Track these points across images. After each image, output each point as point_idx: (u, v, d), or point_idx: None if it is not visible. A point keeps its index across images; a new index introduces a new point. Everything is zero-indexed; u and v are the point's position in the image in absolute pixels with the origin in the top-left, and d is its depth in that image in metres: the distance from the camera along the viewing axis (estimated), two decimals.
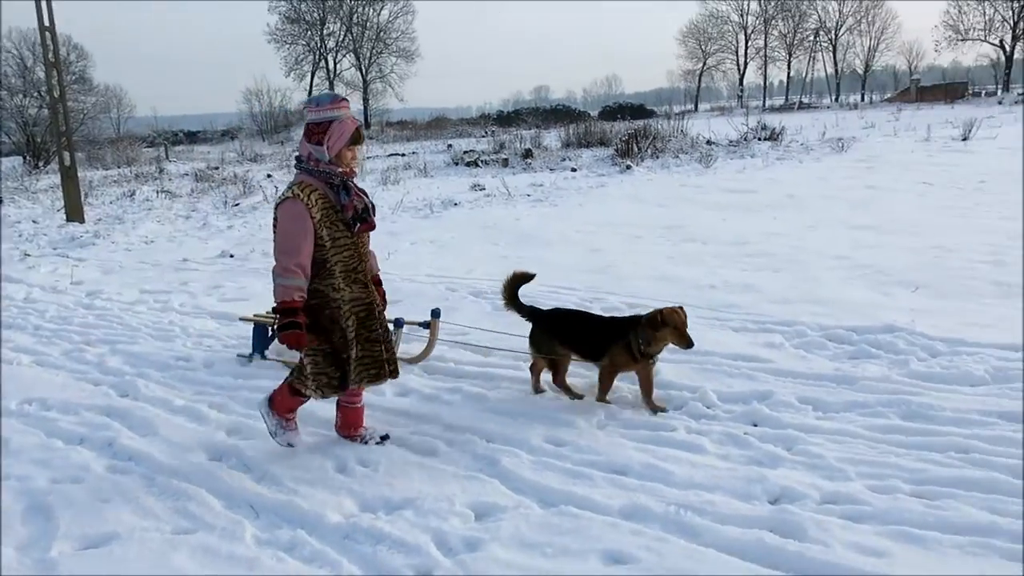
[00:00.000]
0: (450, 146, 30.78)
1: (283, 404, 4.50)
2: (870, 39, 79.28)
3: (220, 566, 3.40)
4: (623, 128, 25.81)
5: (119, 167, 30.93)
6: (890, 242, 9.59)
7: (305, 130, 4.19)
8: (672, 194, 15.16)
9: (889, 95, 72.42)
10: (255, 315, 6.57)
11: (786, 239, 10.09)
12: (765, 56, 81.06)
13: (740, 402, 4.92)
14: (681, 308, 4.96)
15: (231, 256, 11.12)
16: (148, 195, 20.03)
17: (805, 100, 73.45)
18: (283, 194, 4.13)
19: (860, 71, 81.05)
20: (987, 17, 68.23)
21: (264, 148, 39.46)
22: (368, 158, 28.47)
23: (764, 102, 75.42)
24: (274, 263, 4.09)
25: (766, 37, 79.86)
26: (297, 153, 4.25)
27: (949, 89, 62.05)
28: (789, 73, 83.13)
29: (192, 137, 55.41)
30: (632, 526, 3.52)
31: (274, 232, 4.14)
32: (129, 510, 3.90)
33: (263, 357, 6.25)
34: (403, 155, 28.83)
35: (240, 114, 60.46)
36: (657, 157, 21.36)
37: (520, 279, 5.37)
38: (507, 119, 51.66)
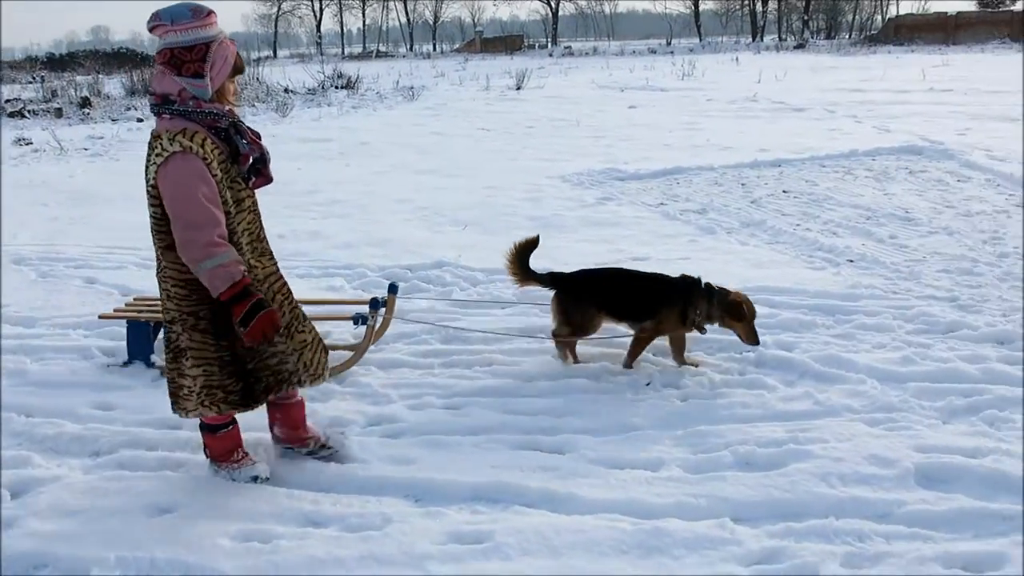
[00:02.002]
0: None
1: (217, 450, 3.55)
2: None
3: None
4: None
5: None
6: (449, 184, 10.49)
7: (168, 58, 3.05)
8: None
9: (458, 46, 77.46)
10: (116, 310, 5.11)
11: (356, 185, 10.52)
12: (340, 3, 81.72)
13: None
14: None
15: None
16: None
17: (383, 49, 75.55)
18: (164, 148, 3.02)
19: (431, 22, 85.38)
20: None
21: None
22: None
23: (343, 50, 76.08)
24: (185, 247, 3.05)
25: None
26: (157, 91, 3.12)
27: (508, 41, 67.94)
28: (365, 21, 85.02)
29: None
30: (177, 476, 3.59)
31: (154, 207, 3.13)
32: None
33: (148, 364, 4.79)
34: None
35: None
36: None
37: (527, 247, 4.76)
38: (60, 63, 45.83)
